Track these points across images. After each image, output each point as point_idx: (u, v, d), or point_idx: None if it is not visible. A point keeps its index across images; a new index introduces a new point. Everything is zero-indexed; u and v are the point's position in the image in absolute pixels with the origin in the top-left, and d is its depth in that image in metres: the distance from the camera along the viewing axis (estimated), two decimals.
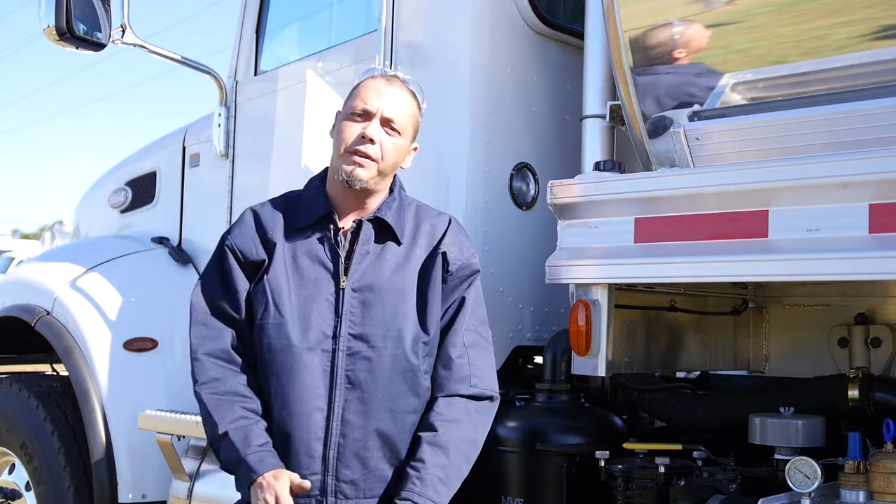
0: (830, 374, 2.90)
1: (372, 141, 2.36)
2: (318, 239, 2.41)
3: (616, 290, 2.70)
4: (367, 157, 2.36)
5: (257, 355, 2.38)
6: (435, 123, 3.25)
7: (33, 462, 4.13)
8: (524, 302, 3.27)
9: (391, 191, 2.47)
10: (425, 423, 2.38)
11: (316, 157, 3.69)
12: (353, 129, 2.38)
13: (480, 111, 3.23)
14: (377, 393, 2.33)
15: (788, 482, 2.33)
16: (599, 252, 2.65)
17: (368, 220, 2.42)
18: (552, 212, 2.78)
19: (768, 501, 2.32)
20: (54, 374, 4.55)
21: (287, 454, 2.31)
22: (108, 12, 3.76)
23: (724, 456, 2.75)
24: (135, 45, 3.87)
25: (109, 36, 3.78)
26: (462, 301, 2.45)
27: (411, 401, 2.37)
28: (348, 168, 2.36)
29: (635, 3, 2.71)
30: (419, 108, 2.47)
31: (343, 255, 2.38)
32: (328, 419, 2.31)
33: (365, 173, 2.36)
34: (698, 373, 3.36)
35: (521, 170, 3.33)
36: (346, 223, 2.42)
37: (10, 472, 4.36)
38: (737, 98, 2.58)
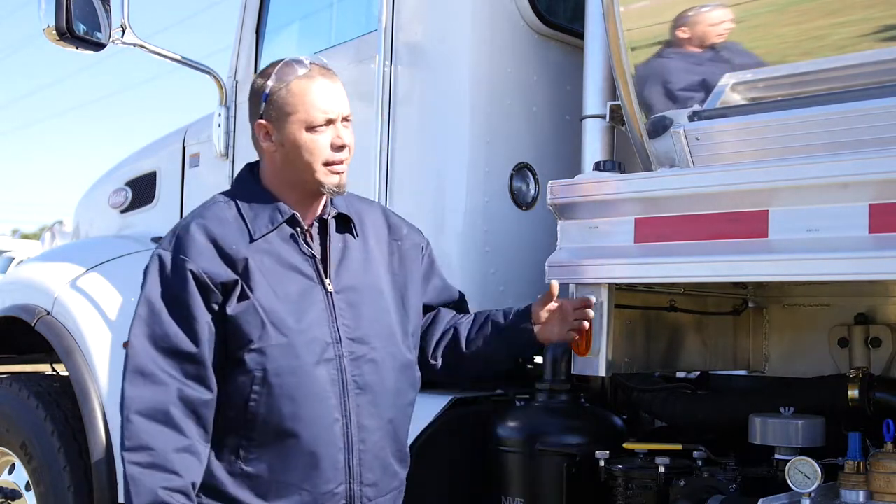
0: (830, 374, 2.89)
1: (346, 146, 2.34)
2: (288, 246, 2.31)
3: (616, 290, 2.70)
4: (344, 162, 2.35)
5: (256, 381, 2.21)
6: (435, 123, 3.26)
7: (33, 462, 4.12)
8: (524, 302, 3.24)
9: None
10: (475, 318, 2.64)
11: None
12: (321, 141, 2.30)
13: (480, 111, 3.23)
14: (384, 393, 2.34)
15: (788, 482, 2.33)
16: (599, 252, 2.65)
17: (333, 218, 2.39)
18: (552, 212, 2.78)
19: (768, 501, 2.32)
20: (54, 374, 4.54)
21: (313, 471, 2.25)
22: (108, 12, 3.75)
23: (724, 456, 2.75)
24: (135, 45, 3.86)
25: (109, 36, 3.77)
26: (432, 264, 2.62)
27: (411, 394, 2.44)
28: (334, 179, 2.33)
29: (635, 3, 2.71)
30: None
31: (318, 257, 2.34)
32: (346, 427, 2.28)
33: (346, 176, 2.36)
34: (698, 373, 3.36)
35: (521, 170, 3.32)
36: (306, 224, 2.37)
37: (10, 472, 4.35)
38: (737, 98, 2.58)
